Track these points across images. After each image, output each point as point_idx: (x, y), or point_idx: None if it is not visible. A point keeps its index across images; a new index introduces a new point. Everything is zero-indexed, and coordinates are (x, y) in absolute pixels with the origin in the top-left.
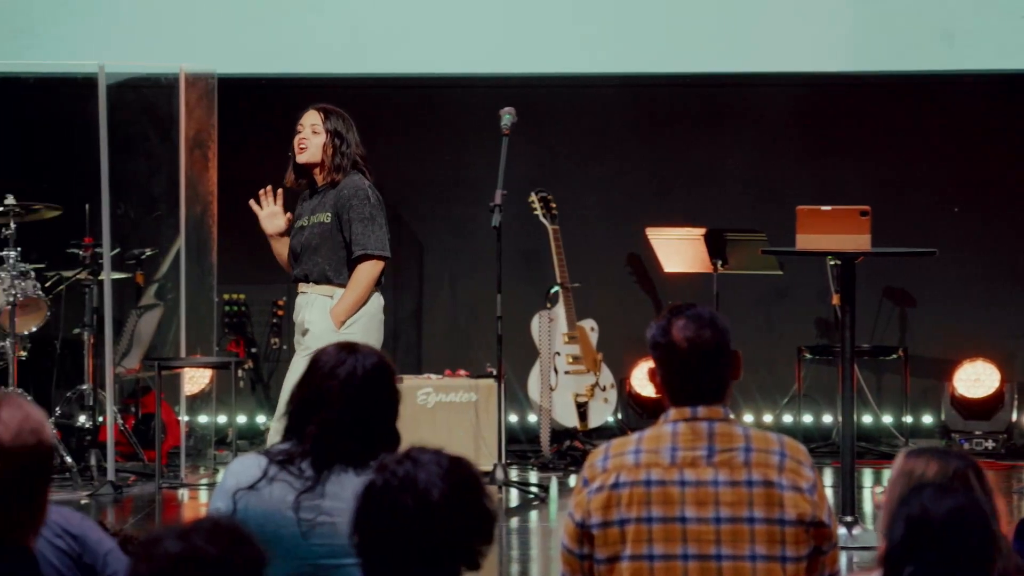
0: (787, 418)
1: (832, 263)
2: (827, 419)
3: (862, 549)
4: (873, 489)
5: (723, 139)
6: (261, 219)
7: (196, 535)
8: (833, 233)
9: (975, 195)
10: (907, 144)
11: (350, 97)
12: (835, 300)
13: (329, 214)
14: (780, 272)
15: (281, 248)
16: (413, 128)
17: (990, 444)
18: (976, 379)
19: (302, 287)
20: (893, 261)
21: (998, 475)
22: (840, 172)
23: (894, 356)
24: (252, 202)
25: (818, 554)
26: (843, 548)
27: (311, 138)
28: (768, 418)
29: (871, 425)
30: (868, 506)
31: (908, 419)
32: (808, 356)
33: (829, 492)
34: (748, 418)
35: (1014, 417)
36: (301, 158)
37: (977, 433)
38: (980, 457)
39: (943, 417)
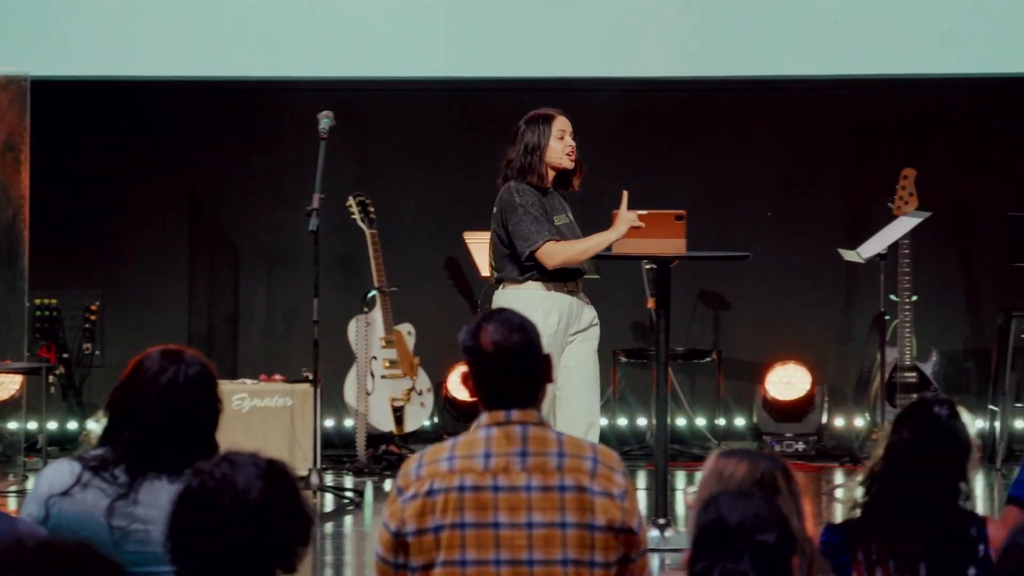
0: (602, 421)
1: (647, 267)
2: (642, 421)
3: (674, 551)
4: (685, 490)
5: None
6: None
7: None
8: (649, 237)
9: (788, 200)
10: (726, 149)
11: (168, 101)
12: (650, 303)
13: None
14: (597, 275)
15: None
16: (230, 132)
17: (800, 446)
18: (787, 382)
19: (577, 285)
20: (708, 265)
21: (808, 477)
22: (659, 177)
23: (708, 359)
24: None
25: (627, 562)
26: (655, 550)
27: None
28: None
29: (685, 427)
30: (681, 508)
31: (721, 421)
32: (623, 359)
33: (643, 494)
34: None
35: (824, 419)
36: (570, 163)
37: (788, 435)
38: (790, 459)
39: (755, 419)
